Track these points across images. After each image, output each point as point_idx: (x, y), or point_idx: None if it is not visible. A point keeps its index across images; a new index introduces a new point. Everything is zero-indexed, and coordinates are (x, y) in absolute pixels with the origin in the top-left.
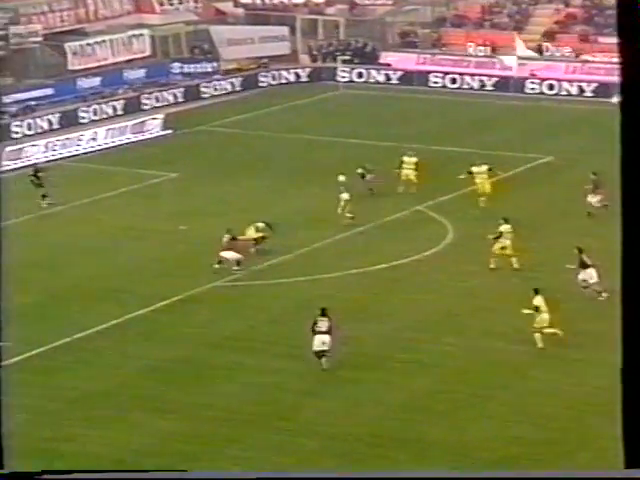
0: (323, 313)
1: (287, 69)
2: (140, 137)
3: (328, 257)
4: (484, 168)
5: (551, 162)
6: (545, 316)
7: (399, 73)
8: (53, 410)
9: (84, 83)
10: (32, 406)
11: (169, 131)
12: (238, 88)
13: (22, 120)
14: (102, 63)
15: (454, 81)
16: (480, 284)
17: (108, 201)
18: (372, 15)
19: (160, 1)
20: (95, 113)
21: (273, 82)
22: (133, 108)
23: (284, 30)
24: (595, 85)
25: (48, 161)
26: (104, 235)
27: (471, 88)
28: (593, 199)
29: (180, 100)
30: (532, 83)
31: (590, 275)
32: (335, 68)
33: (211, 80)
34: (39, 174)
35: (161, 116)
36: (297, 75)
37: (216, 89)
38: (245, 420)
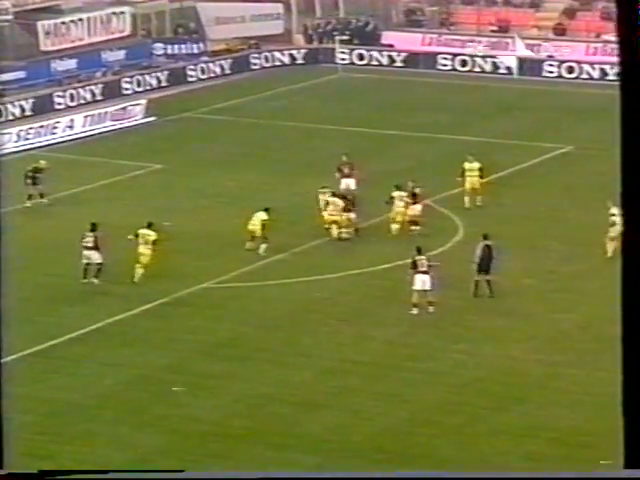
0: (419, 251)
1: (281, 50)
2: (121, 125)
3: (326, 257)
4: (476, 165)
5: (570, 152)
6: None
7: (403, 55)
8: (26, 423)
9: (59, 65)
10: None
11: (152, 118)
12: (227, 71)
13: None
14: (78, 44)
15: (464, 63)
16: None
17: (86, 195)
18: None
19: None
20: (72, 98)
21: (266, 64)
22: (113, 93)
23: (278, 7)
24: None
25: (20, 151)
26: (81, 232)
27: (483, 71)
28: None
29: (164, 84)
30: (550, 66)
31: None
32: (333, 49)
33: (198, 62)
34: (38, 175)
35: (143, 102)
36: (292, 57)
37: (203, 72)
38: (236, 435)
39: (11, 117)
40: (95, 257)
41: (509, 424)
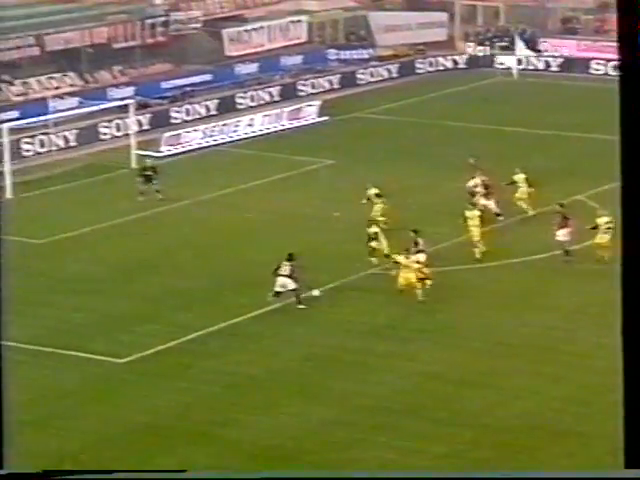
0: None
1: (444, 56)
2: (296, 123)
3: (489, 244)
4: (522, 177)
5: None
6: None
7: (559, 60)
8: (209, 394)
9: (242, 69)
10: (188, 389)
11: (325, 118)
12: (394, 75)
13: (181, 106)
14: (259, 49)
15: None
16: None
17: (264, 187)
18: (533, 1)
19: None
20: (252, 99)
21: (430, 69)
22: (290, 94)
23: (442, 16)
24: None
25: (205, 147)
26: (259, 221)
27: None
28: None
29: (336, 86)
30: None
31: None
32: (493, 55)
33: (367, 67)
34: (147, 172)
35: (317, 102)
36: (454, 62)
37: (372, 76)
38: (399, 409)
39: (198, 116)
40: (289, 284)
41: None
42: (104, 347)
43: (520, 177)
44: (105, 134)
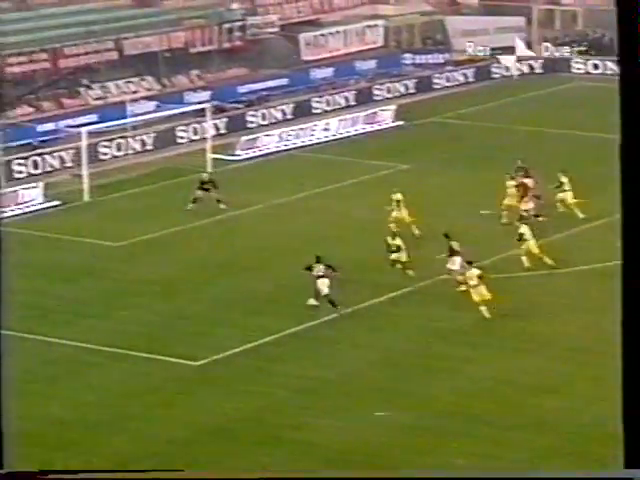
0: None
1: (521, 60)
2: (371, 128)
3: (559, 252)
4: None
5: None
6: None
7: None
8: (283, 397)
9: (317, 73)
10: (262, 393)
11: (400, 122)
12: (470, 79)
13: (257, 110)
14: (335, 54)
15: None
16: None
17: (339, 191)
18: (611, 5)
19: None
20: (328, 103)
21: (506, 73)
22: (365, 99)
23: (520, 20)
24: None
25: (281, 151)
26: (334, 225)
27: None
28: None
29: (412, 91)
30: None
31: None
32: (570, 59)
33: (443, 71)
34: (205, 185)
35: (393, 107)
36: (531, 66)
37: (448, 80)
38: (473, 414)
39: (273, 120)
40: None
41: None
42: (179, 350)
43: (564, 180)
44: (182, 138)
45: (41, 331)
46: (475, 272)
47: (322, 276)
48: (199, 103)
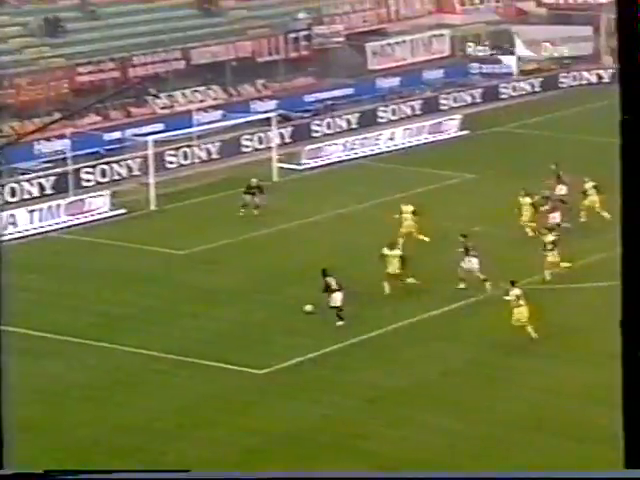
0: None
1: (589, 70)
2: (437, 137)
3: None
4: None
5: None
6: None
7: None
8: (349, 407)
9: (383, 83)
10: (328, 402)
11: (466, 132)
12: (537, 89)
13: (322, 119)
14: (401, 63)
15: None
16: None
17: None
18: None
19: (461, 1)
20: (393, 113)
21: (573, 83)
22: (431, 108)
23: (588, 30)
24: None
25: (346, 160)
26: (401, 235)
27: None
28: None
29: (478, 101)
30: None
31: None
32: None
33: (510, 81)
34: (251, 190)
35: (459, 117)
36: (599, 76)
37: (515, 90)
38: (534, 426)
39: (339, 129)
40: (337, 299)
41: None
42: (243, 358)
43: (589, 185)
44: (247, 147)
45: (108, 338)
46: (516, 292)
47: (337, 290)
48: (265, 112)
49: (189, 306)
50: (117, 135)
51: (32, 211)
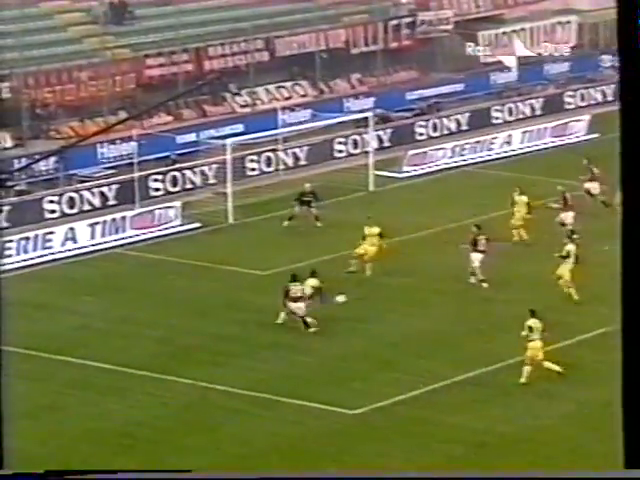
0: None
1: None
2: (562, 141)
3: None
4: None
5: None
6: None
7: None
8: (453, 454)
9: (498, 78)
10: (427, 447)
11: (595, 135)
12: None
13: (427, 120)
14: (519, 55)
15: None
16: None
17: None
18: None
19: None
20: (510, 112)
21: None
22: (554, 107)
23: None
24: None
25: (453, 167)
26: (519, 253)
27: None
28: None
29: (609, 99)
30: None
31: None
32: None
33: None
34: (305, 198)
35: (586, 117)
36: None
37: None
38: None
39: (446, 131)
40: (300, 310)
41: None
42: (334, 396)
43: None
44: (340, 152)
45: (174, 371)
46: (532, 322)
47: (300, 298)
48: (360, 111)
49: (270, 335)
50: (191, 137)
51: (93, 224)
